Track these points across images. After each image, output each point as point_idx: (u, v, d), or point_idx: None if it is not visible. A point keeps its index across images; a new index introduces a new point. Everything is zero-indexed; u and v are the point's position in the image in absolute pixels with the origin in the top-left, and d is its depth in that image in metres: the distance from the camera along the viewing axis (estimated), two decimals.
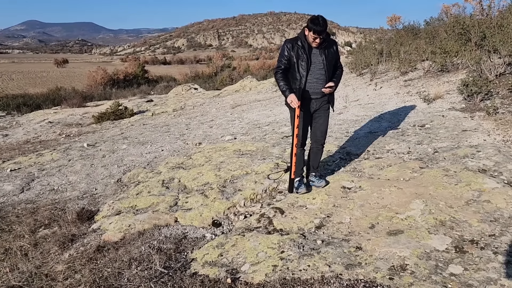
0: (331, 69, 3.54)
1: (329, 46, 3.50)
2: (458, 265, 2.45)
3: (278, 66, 3.53)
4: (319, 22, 3.24)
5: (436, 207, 3.16)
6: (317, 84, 3.51)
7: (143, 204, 4.23)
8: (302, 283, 2.46)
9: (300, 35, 3.48)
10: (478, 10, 10.96)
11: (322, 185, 3.85)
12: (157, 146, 6.97)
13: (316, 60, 3.45)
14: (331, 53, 3.50)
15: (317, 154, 3.88)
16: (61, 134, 10.77)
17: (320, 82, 3.50)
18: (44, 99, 22.80)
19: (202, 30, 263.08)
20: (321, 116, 3.69)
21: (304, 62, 3.42)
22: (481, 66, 7.17)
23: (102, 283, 2.76)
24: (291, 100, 3.39)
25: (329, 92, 3.55)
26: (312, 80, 3.49)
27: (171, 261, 2.99)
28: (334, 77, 3.60)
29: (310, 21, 3.28)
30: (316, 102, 3.60)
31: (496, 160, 3.89)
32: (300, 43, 3.44)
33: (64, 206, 4.63)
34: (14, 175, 6.02)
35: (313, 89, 3.52)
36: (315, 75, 3.48)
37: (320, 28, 3.25)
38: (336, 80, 3.59)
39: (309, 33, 3.32)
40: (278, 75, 3.51)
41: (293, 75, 3.52)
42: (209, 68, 41.04)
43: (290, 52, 3.45)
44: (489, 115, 5.36)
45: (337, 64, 3.64)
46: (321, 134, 3.77)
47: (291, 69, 3.52)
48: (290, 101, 3.40)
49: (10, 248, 3.53)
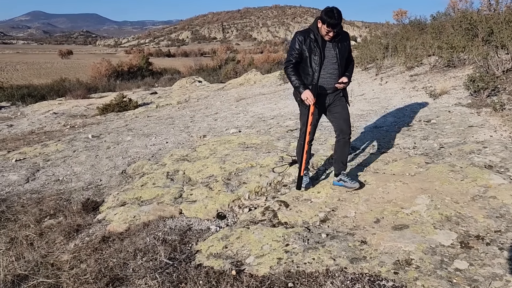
0: (344, 64, 3.39)
1: (342, 39, 3.32)
2: (464, 260, 2.44)
3: (289, 60, 3.34)
4: (334, 15, 3.06)
5: (442, 202, 3.15)
6: (330, 79, 3.35)
7: (148, 196, 4.24)
8: (307, 276, 2.46)
9: (312, 27, 3.29)
10: (486, 5, 10.87)
11: (356, 187, 3.55)
12: (161, 138, 6.97)
13: (329, 54, 3.29)
14: (344, 47, 3.34)
15: (345, 146, 3.61)
16: (65, 125, 10.81)
17: (334, 77, 3.35)
18: (48, 90, 22.87)
19: (207, 23, 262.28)
20: (337, 105, 3.51)
21: (317, 56, 3.25)
22: (488, 62, 7.11)
23: (108, 273, 2.78)
24: (306, 96, 3.23)
25: (342, 87, 3.41)
26: (325, 75, 3.33)
27: (176, 252, 3.00)
28: (347, 71, 3.45)
29: (325, 13, 3.09)
30: (329, 97, 3.46)
31: (502, 156, 3.87)
32: (312, 36, 3.25)
33: (69, 196, 4.66)
34: (20, 165, 6.05)
35: (326, 85, 3.37)
36: (328, 69, 3.32)
37: (334, 22, 3.07)
38: (349, 74, 3.45)
39: (323, 26, 3.14)
40: (289, 70, 3.33)
41: (305, 70, 3.35)
42: (214, 61, 40.95)
43: (302, 46, 3.26)
44: (496, 111, 5.32)
45: (350, 57, 3.49)
46: (345, 122, 3.54)
47: (302, 64, 3.35)
48: (305, 98, 3.24)
49: (16, 237, 3.56)
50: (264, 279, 2.49)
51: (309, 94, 3.23)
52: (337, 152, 3.67)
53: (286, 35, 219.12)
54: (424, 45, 10.88)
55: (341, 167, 3.67)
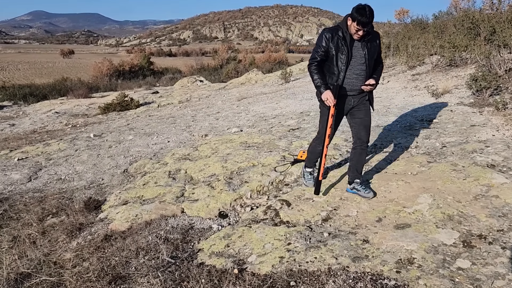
0: (372, 65, 3.19)
1: (372, 39, 3.12)
2: (466, 259, 2.44)
3: (314, 57, 3.16)
4: (365, 13, 2.86)
5: (444, 201, 3.15)
6: (356, 81, 3.16)
7: (149, 195, 4.25)
8: (309, 274, 2.47)
9: (341, 25, 3.10)
10: (488, 4, 10.85)
11: (369, 197, 3.38)
12: (163, 138, 6.98)
13: (357, 54, 3.10)
14: (373, 47, 3.14)
15: (361, 155, 3.43)
16: (67, 125, 10.82)
17: (360, 79, 3.16)
18: (50, 89, 22.91)
19: (208, 22, 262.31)
20: (361, 111, 3.32)
21: (344, 55, 3.07)
22: (491, 61, 7.10)
23: (110, 271, 2.79)
24: (326, 97, 3.07)
25: (369, 90, 3.22)
26: (352, 75, 3.15)
27: (178, 251, 3.01)
28: (375, 73, 3.25)
29: (356, 10, 2.89)
30: (353, 99, 3.27)
31: (505, 155, 3.86)
32: (341, 33, 3.07)
33: (71, 195, 4.67)
34: (22, 164, 6.07)
35: (352, 86, 3.18)
36: (355, 70, 3.13)
37: (366, 20, 2.87)
38: (377, 77, 3.23)
39: (352, 24, 2.95)
40: (313, 67, 3.15)
41: (330, 69, 3.17)
42: (215, 60, 40.99)
43: (329, 43, 3.07)
44: (498, 111, 5.31)
45: (379, 59, 3.28)
46: (365, 130, 3.35)
47: (327, 62, 3.17)
48: (326, 99, 3.08)
49: (18, 236, 3.57)
50: (266, 278, 2.49)
51: (330, 95, 3.06)
52: (352, 159, 3.49)
53: (288, 35, 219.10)
54: (426, 44, 10.87)
55: (356, 175, 3.48)
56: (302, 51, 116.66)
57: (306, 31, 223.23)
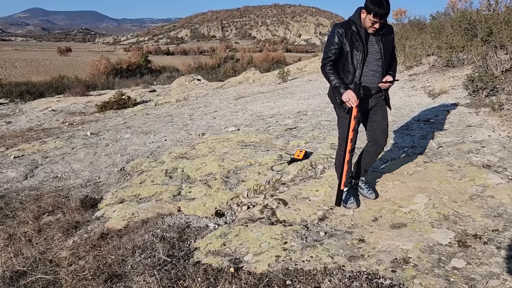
0: (387, 60, 2.99)
1: (386, 32, 2.92)
2: (461, 259, 2.46)
3: (327, 56, 2.92)
4: (381, 3, 2.64)
5: (440, 201, 3.16)
6: (373, 78, 2.95)
7: (146, 193, 4.24)
8: (305, 273, 2.47)
9: (354, 18, 2.88)
10: (485, 5, 10.88)
11: (372, 198, 3.31)
12: (160, 136, 6.97)
13: (373, 49, 2.89)
14: (388, 41, 2.94)
15: (374, 157, 3.29)
16: (64, 122, 10.79)
17: (377, 76, 2.95)
18: (47, 87, 22.85)
19: (206, 21, 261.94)
20: (378, 113, 3.12)
21: (360, 52, 2.85)
22: (487, 62, 7.13)
23: (106, 270, 2.78)
24: (348, 98, 2.80)
25: (387, 87, 3.01)
26: (368, 73, 2.93)
27: (174, 249, 3.01)
28: (391, 69, 3.05)
29: (371, 1, 2.67)
30: (372, 99, 3.06)
31: (500, 156, 3.88)
32: (354, 28, 2.85)
33: (67, 193, 4.65)
34: (18, 162, 6.05)
35: (369, 84, 2.97)
36: (371, 67, 2.93)
37: (383, 11, 2.65)
38: (393, 73, 3.04)
39: (367, 16, 2.73)
40: (328, 68, 2.92)
41: (345, 67, 2.95)
42: (213, 59, 40.96)
43: (343, 39, 2.85)
44: (494, 111, 5.34)
45: (393, 54, 3.12)
46: (382, 133, 3.15)
47: (341, 60, 2.95)
48: (347, 99, 2.81)
49: (14, 234, 3.56)
50: (262, 277, 2.50)
51: (352, 94, 2.80)
52: (364, 159, 3.30)
53: (286, 34, 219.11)
54: (423, 44, 10.90)
55: (362, 173, 3.37)
56: (300, 50, 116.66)
57: (304, 30, 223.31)
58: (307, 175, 4.22)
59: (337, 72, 2.91)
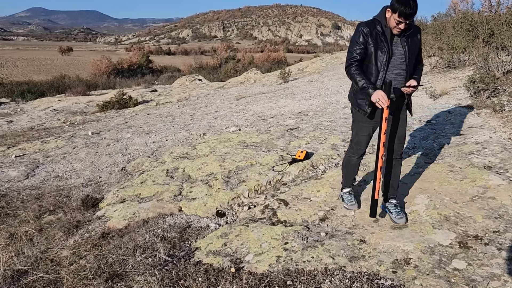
0: (412, 63, 2.82)
1: (413, 34, 2.76)
2: (462, 260, 2.46)
3: (352, 57, 2.77)
4: (409, 2, 2.50)
5: (441, 202, 3.16)
6: (396, 81, 2.78)
7: (147, 193, 4.24)
8: (306, 274, 2.47)
9: (379, 18, 2.73)
10: (487, 6, 10.89)
11: (401, 223, 2.97)
12: (161, 136, 6.98)
13: (397, 51, 2.74)
14: (414, 43, 2.78)
15: (397, 167, 3.07)
16: (65, 122, 10.80)
17: (400, 79, 2.79)
18: (48, 86, 22.86)
19: (207, 21, 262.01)
20: (397, 118, 2.96)
21: (384, 53, 2.71)
22: (489, 63, 7.12)
23: (107, 269, 2.79)
24: (378, 98, 2.63)
25: (410, 92, 2.84)
26: (390, 76, 2.77)
27: (175, 249, 3.01)
28: (415, 73, 2.87)
29: (397, 0, 2.53)
30: (393, 103, 2.87)
31: (502, 157, 3.88)
32: (379, 27, 2.71)
33: (68, 193, 4.66)
34: (19, 161, 6.05)
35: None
36: (394, 69, 2.77)
37: (409, 11, 2.51)
38: (418, 77, 2.85)
39: (393, 16, 2.58)
40: (353, 69, 2.76)
41: (368, 69, 2.80)
42: (214, 59, 40.95)
43: (368, 39, 2.71)
44: (496, 112, 5.33)
45: (419, 57, 2.92)
46: (399, 141, 3.00)
47: (364, 61, 2.80)
48: (377, 100, 2.64)
49: (15, 233, 3.56)
50: (263, 277, 2.50)
51: (382, 94, 2.63)
52: (388, 173, 3.08)
53: (287, 34, 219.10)
54: (424, 45, 10.88)
55: (393, 192, 3.11)
56: (301, 51, 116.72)
57: (306, 31, 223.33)
58: (308, 175, 4.23)
59: (363, 73, 2.77)
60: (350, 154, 3.21)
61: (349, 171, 3.25)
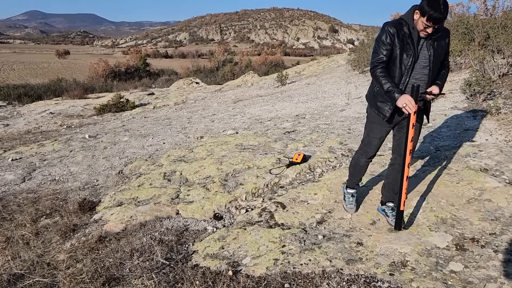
0: (436, 68, 2.67)
1: (440, 37, 2.60)
2: (459, 262, 2.46)
3: (378, 58, 2.62)
4: (439, 7, 2.34)
5: (438, 204, 3.18)
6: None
7: (144, 196, 4.24)
8: (303, 277, 2.48)
9: (406, 18, 2.59)
10: (482, 10, 10.95)
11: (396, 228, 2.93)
12: (158, 139, 6.97)
13: (421, 55, 2.59)
14: (441, 47, 2.62)
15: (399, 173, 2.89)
16: (62, 125, 10.77)
17: (421, 85, 2.63)
18: (45, 89, 22.76)
19: (205, 25, 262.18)
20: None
21: (410, 56, 2.57)
22: (485, 66, 7.16)
23: (104, 273, 2.78)
24: (405, 103, 2.48)
25: (430, 99, 2.70)
26: (411, 80, 2.65)
27: (172, 252, 3.01)
28: (438, 79, 2.72)
29: (427, 2, 2.36)
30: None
31: (498, 159, 3.89)
32: (406, 29, 2.57)
33: (65, 196, 4.64)
34: (16, 164, 6.03)
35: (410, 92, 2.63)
36: (415, 74, 2.63)
37: (439, 15, 2.36)
38: (441, 83, 2.69)
39: (421, 18, 2.44)
40: (378, 71, 2.61)
41: (391, 71, 2.66)
42: (211, 62, 40.94)
43: (394, 39, 2.56)
44: (492, 115, 5.36)
45: (445, 61, 2.76)
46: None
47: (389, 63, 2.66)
48: (404, 105, 2.49)
49: (11, 237, 3.54)
50: (261, 280, 2.50)
51: (410, 99, 2.48)
52: (389, 177, 3.08)
53: (284, 38, 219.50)
54: None
55: (391, 196, 3.10)
56: (299, 54, 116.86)
57: (303, 34, 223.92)
58: (306, 178, 4.23)
59: (389, 75, 2.62)
60: (359, 154, 3.12)
61: (355, 171, 3.18)
